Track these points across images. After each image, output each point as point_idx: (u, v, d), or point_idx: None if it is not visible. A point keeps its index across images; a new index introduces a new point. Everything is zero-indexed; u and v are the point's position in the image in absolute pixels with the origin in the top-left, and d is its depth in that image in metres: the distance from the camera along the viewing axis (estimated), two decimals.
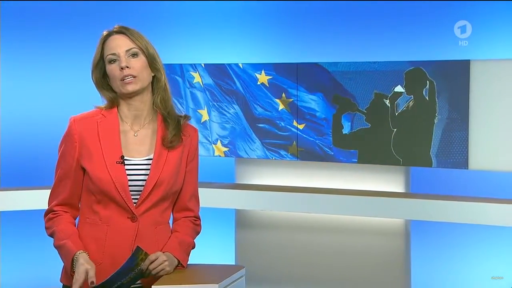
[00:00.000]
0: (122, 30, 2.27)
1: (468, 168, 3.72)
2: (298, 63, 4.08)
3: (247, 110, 4.19)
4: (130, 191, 2.21)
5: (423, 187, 4.23)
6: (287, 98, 4.09)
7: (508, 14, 4.24)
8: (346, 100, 3.96)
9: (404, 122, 3.84)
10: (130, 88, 2.23)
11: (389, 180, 4.05)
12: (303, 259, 4.20)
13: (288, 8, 4.63)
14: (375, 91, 3.89)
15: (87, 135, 2.24)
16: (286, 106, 4.10)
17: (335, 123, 3.99)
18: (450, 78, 3.73)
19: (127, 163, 2.23)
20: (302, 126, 4.07)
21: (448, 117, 3.74)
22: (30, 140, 4.86)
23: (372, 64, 3.90)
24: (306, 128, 4.06)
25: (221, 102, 4.25)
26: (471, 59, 3.70)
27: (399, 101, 3.85)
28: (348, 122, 3.96)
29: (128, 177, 2.21)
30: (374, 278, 4.06)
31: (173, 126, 2.29)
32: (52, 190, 2.30)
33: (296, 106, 4.07)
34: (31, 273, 4.79)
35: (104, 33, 2.29)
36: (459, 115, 3.71)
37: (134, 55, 2.24)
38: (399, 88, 3.84)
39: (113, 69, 2.24)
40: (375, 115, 3.90)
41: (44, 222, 2.29)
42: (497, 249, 4.32)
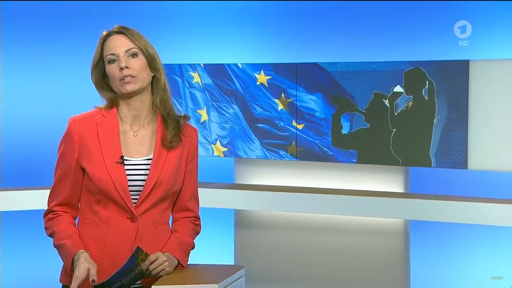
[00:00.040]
0: (122, 30, 2.27)
1: (467, 168, 3.72)
2: (297, 63, 4.07)
3: (246, 110, 4.19)
4: (130, 191, 2.21)
5: (422, 187, 4.23)
6: (286, 98, 4.09)
7: (508, 14, 4.24)
8: (346, 100, 3.95)
9: (404, 122, 3.84)
10: (129, 87, 2.23)
11: (388, 180, 4.05)
12: (302, 259, 4.20)
13: (287, 8, 4.63)
14: (374, 91, 3.89)
15: (87, 135, 2.24)
16: (285, 106, 4.10)
17: (334, 123, 3.99)
18: (450, 78, 3.72)
19: (127, 163, 2.23)
20: (301, 126, 4.07)
21: (447, 117, 3.74)
22: (30, 140, 4.86)
23: (371, 64, 3.89)
24: (305, 128, 4.06)
25: (220, 102, 4.25)
26: (470, 59, 3.70)
27: (399, 101, 3.85)
28: (347, 122, 3.96)
29: (128, 177, 2.21)
30: (373, 278, 4.06)
31: (172, 127, 2.28)
32: (51, 191, 2.29)
33: (295, 106, 4.07)
34: (31, 273, 4.79)
35: (104, 33, 2.28)
36: (458, 115, 3.71)
37: (134, 55, 2.24)
38: (398, 88, 3.84)
39: (112, 69, 2.24)
40: (374, 115, 3.90)
41: (44, 222, 2.29)
42: (496, 249, 4.32)
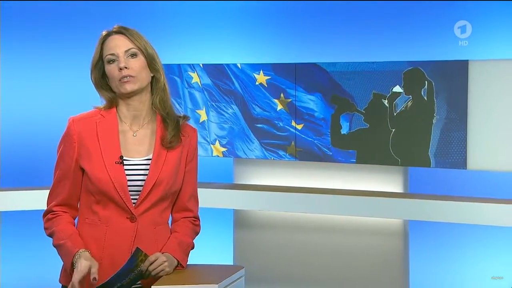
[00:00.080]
0: (121, 30, 2.27)
1: (466, 168, 3.72)
2: (296, 63, 4.07)
3: (245, 110, 4.19)
4: (129, 191, 2.21)
5: (421, 187, 4.23)
6: (286, 98, 4.09)
7: (508, 14, 4.24)
8: (345, 100, 3.96)
9: (403, 122, 3.84)
10: (129, 87, 2.23)
11: (387, 180, 4.05)
12: (301, 259, 4.20)
13: (286, 8, 4.63)
14: (373, 91, 3.89)
15: (86, 135, 2.23)
16: (285, 106, 4.10)
17: (334, 123, 3.99)
18: (449, 78, 3.72)
19: (126, 163, 2.23)
20: (300, 126, 4.07)
21: (446, 117, 3.74)
22: (30, 140, 4.86)
23: (370, 64, 3.90)
24: (305, 128, 4.06)
25: (219, 102, 4.25)
26: (469, 59, 3.70)
27: (398, 101, 3.85)
28: (346, 122, 3.97)
29: (127, 177, 2.21)
30: (372, 278, 4.06)
31: (172, 127, 2.28)
32: (51, 191, 2.29)
33: (295, 106, 4.07)
34: (31, 273, 4.79)
35: (103, 33, 2.28)
36: (458, 115, 3.71)
37: (133, 55, 2.24)
38: (397, 88, 3.84)
39: (112, 69, 2.24)
40: (373, 115, 3.90)
41: (43, 223, 2.29)
42: (495, 249, 4.32)
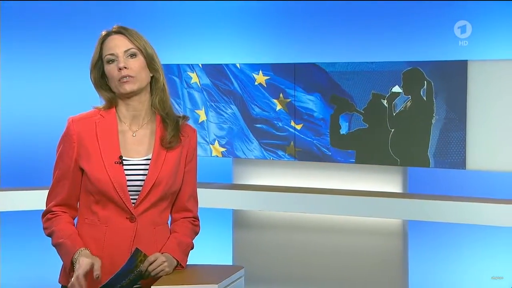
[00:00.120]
0: (121, 30, 2.26)
1: (465, 168, 3.72)
2: (295, 63, 4.07)
3: (244, 111, 4.19)
4: (129, 191, 2.21)
5: (420, 187, 4.23)
6: (285, 98, 4.09)
7: (508, 14, 4.24)
8: (344, 100, 3.96)
9: (402, 122, 3.84)
10: (128, 87, 2.23)
11: (386, 180, 4.05)
12: (300, 259, 4.20)
13: (285, 8, 4.63)
14: (372, 92, 3.89)
15: (86, 135, 2.23)
16: (284, 107, 4.10)
17: (333, 123, 4.00)
18: (448, 78, 3.73)
19: (126, 163, 2.23)
20: (299, 127, 4.07)
21: (445, 117, 3.74)
22: (30, 140, 4.86)
23: (369, 65, 3.90)
24: (304, 129, 4.06)
25: (218, 102, 4.25)
26: (468, 60, 3.70)
27: (397, 101, 3.85)
28: (345, 123, 3.97)
29: (127, 177, 2.21)
30: (371, 278, 4.06)
31: (171, 127, 2.28)
32: (50, 191, 2.29)
33: (294, 106, 4.07)
34: (31, 273, 4.79)
35: (103, 33, 2.28)
36: (457, 115, 3.71)
37: (133, 55, 2.24)
38: (396, 89, 3.84)
39: (111, 69, 2.24)
40: (372, 116, 3.90)
41: (42, 223, 2.29)
42: (493, 249, 4.32)
